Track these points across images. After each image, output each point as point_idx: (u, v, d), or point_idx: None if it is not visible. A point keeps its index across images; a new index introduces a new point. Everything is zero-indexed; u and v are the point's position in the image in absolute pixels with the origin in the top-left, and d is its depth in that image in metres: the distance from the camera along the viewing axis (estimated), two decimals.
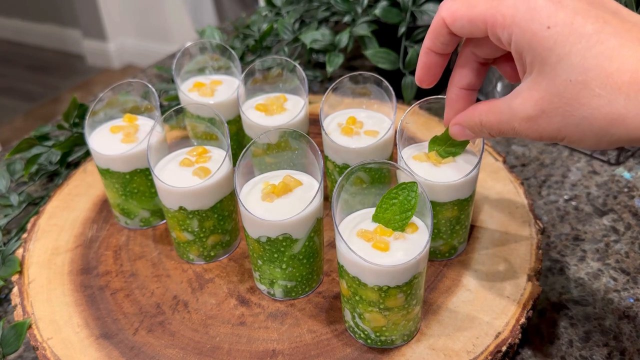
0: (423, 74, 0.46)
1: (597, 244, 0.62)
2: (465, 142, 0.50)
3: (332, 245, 0.60)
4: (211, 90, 0.68)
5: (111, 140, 0.61)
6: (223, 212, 0.57)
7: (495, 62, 0.46)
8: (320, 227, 0.52)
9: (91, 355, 0.50)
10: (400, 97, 0.82)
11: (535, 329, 0.53)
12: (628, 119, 0.34)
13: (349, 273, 0.46)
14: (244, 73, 0.65)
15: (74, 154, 0.76)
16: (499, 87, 0.81)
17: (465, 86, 0.46)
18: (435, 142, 0.51)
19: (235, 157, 0.55)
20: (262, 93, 0.68)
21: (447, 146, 0.51)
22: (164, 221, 0.65)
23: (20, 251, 0.61)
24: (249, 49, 0.92)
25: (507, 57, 0.44)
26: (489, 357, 0.47)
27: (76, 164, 0.76)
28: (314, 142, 0.52)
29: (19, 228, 0.66)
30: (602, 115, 0.35)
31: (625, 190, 0.69)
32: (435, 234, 0.55)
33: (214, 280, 0.57)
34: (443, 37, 0.43)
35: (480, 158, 0.52)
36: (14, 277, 0.58)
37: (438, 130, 0.52)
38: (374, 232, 0.47)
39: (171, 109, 0.58)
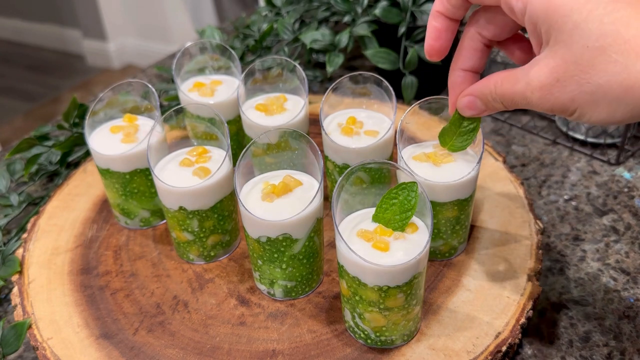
0: (433, 40, 0.44)
1: (597, 244, 0.62)
2: (476, 128, 0.49)
3: (332, 245, 0.60)
4: (211, 90, 0.68)
5: (111, 140, 0.61)
6: (223, 212, 0.57)
7: (502, 44, 0.45)
8: (320, 227, 0.52)
9: (91, 355, 0.50)
10: (400, 97, 0.82)
11: (535, 329, 0.53)
12: None
13: (349, 273, 0.46)
14: (244, 73, 0.65)
15: (74, 154, 0.76)
16: None
17: (469, 68, 0.45)
18: (444, 134, 0.51)
19: (235, 157, 0.55)
20: (262, 93, 0.68)
21: (458, 136, 0.50)
22: (164, 221, 0.65)
23: (20, 251, 0.61)
24: (249, 49, 0.92)
25: (514, 38, 0.44)
26: (489, 357, 0.47)
27: (76, 164, 0.76)
28: (314, 142, 0.52)
29: (19, 228, 0.66)
30: (617, 82, 0.34)
31: (625, 190, 0.69)
32: (435, 234, 0.55)
33: (214, 280, 0.57)
34: None
35: (480, 158, 0.52)
36: (14, 277, 0.58)
37: (438, 130, 0.52)
38: (374, 232, 0.47)
39: (171, 109, 0.58)
